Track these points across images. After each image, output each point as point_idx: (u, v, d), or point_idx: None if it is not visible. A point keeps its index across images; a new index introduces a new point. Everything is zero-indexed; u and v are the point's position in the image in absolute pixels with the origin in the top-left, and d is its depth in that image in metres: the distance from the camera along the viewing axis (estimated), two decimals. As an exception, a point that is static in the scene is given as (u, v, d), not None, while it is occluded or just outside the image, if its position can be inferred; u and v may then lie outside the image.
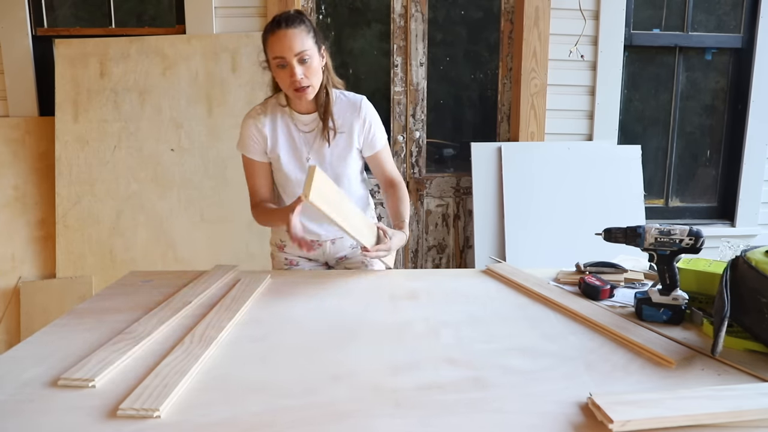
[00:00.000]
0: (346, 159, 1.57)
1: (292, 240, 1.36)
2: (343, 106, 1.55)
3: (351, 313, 1.28)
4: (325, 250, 1.68)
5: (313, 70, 1.43)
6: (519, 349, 1.07)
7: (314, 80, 1.44)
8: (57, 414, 0.83)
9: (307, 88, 1.43)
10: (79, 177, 2.70)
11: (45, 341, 1.11)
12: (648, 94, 3.11)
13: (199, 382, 0.93)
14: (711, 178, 3.22)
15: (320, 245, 1.66)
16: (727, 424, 0.79)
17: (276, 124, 1.55)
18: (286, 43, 1.38)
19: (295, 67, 1.40)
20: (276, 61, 1.41)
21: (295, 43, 1.38)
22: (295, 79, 1.40)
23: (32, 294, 2.68)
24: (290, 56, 1.39)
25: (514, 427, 0.80)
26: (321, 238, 1.65)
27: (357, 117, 1.55)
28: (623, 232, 1.26)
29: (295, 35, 1.39)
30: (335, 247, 1.68)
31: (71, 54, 2.70)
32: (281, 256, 1.73)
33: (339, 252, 1.70)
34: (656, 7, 3.02)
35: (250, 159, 1.57)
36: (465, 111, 3.12)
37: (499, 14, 2.98)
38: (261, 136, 1.54)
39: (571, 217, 2.79)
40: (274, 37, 1.40)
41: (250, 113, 1.57)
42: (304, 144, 1.55)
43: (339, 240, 1.67)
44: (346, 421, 0.82)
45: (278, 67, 1.42)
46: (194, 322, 1.19)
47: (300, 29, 1.40)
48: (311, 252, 1.46)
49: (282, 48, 1.39)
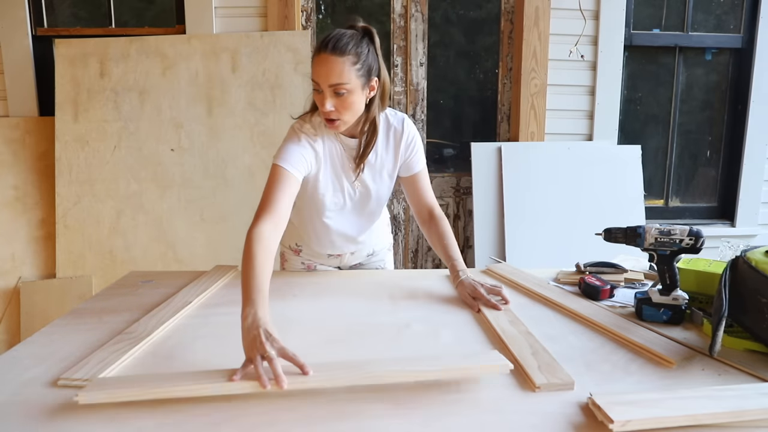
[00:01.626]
0: (385, 184, 1.48)
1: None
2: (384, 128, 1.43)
3: (351, 313, 1.28)
4: (343, 260, 1.68)
5: (348, 105, 1.28)
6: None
7: (346, 116, 1.29)
8: (57, 414, 0.83)
9: (336, 121, 1.30)
10: (79, 177, 2.70)
11: (45, 341, 1.11)
12: (648, 94, 3.11)
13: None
14: (711, 178, 3.22)
15: (339, 256, 1.65)
16: (727, 424, 0.79)
17: (325, 144, 1.39)
18: (323, 69, 1.25)
19: (327, 98, 1.26)
20: (313, 84, 1.29)
21: (333, 74, 1.24)
22: (324, 109, 1.28)
23: (32, 294, 2.68)
24: (324, 84, 1.26)
25: (514, 427, 0.80)
26: (343, 252, 1.63)
27: (401, 139, 1.44)
28: (623, 232, 1.26)
29: (336, 64, 1.23)
30: (353, 257, 1.68)
31: (71, 54, 2.70)
32: (297, 260, 1.69)
33: (355, 260, 1.71)
34: (656, 7, 3.02)
35: (289, 174, 1.31)
36: (465, 111, 3.12)
37: (499, 14, 2.98)
38: (314, 156, 1.37)
39: (571, 217, 2.79)
40: (316, 59, 1.27)
41: (303, 129, 1.38)
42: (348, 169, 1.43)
43: (357, 252, 1.67)
44: (346, 421, 0.82)
45: (315, 90, 1.30)
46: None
47: (344, 59, 1.24)
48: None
49: (318, 73, 1.26)
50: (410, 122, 1.47)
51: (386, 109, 1.45)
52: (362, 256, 1.70)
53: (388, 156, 1.45)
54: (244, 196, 2.73)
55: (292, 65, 2.71)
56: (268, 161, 2.69)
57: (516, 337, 1.10)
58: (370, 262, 1.73)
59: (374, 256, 1.72)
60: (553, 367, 0.96)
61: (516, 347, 1.05)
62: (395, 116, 1.46)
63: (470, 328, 1.19)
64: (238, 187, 2.73)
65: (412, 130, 1.46)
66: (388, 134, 1.44)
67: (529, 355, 1.02)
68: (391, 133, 1.44)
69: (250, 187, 2.73)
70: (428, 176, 1.54)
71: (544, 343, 1.06)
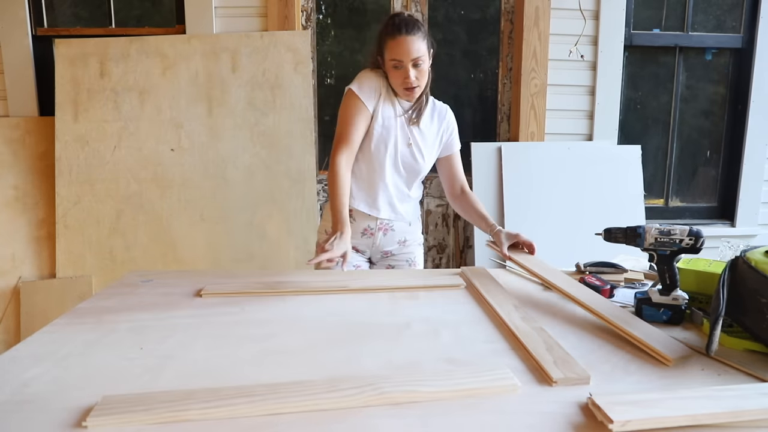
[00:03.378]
0: (430, 155, 1.71)
1: (319, 248, 1.45)
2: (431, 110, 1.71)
3: (350, 313, 1.28)
4: (375, 241, 1.74)
5: (424, 73, 1.58)
6: (518, 349, 1.07)
7: (423, 82, 1.59)
8: (57, 414, 0.83)
9: (416, 88, 1.58)
10: (79, 177, 2.70)
11: (45, 341, 1.10)
12: (648, 94, 3.11)
13: (198, 382, 0.93)
14: (711, 178, 3.22)
15: (372, 235, 1.72)
16: (727, 424, 0.79)
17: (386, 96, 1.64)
18: (405, 48, 1.52)
19: (410, 70, 1.54)
20: (392, 63, 1.55)
21: (413, 49, 1.52)
22: (408, 81, 1.55)
23: (32, 294, 2.68)
24: (407, 61, 1.53)
25: (514, 427, 0.80)
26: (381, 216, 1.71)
27: (443, 120, 1.73)
28: (623, 232, 1.26)
29: (414, 42, 1.52)
30: (386, 239, 1.74)
31: (71, 54, 2.70)
32: None
33: (387, 245, 1.76)
34: (656, 7, 3.02)
35: (361, 103, 1.59)
36: (465, 111, 3.12)
37: (499, 14, 2.98)
38: (378, 93, 1.62)
39: (571, 217, 2.79)
40: (394, 42, 1.53)
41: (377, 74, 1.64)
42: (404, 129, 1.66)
43: (390, 232, 1.74)
44: (346, 421, 0.81)
45: (394, 68, 1.55)
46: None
47: (418, 36, 1.53)
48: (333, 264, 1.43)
49: (401, 52, 1.52)
50: (451, 111, 1.78)
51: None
52: (393, 242, 1.75)
53: (432, 127, 1.71)
54: (244, 196, 2.74)
55: (292, 65, 2.71)
56: (268, 161, 2.72)
57: (530, 334, 1.10)
58: (401, 252, 1.79)
59: (405, 246, 1.78)
60: (568, 362, 0.97)
61: (531, 343, 1.06)
62: (440, 103, 1.76)
63: (470, 328, 1.19)
64: (238, 187, 2.73)
65: (452, 116, 1.77)
66: (433, 112, 1.72)
67: (543, 350, 1.02)
68: (436, 111, 1.73)
69: (250, 187, 2.73)
70: (460, 157, 1.81)
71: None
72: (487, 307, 1.30)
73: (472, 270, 1.58)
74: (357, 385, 0.88)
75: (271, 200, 2.74)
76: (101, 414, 0.80)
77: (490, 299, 1.32)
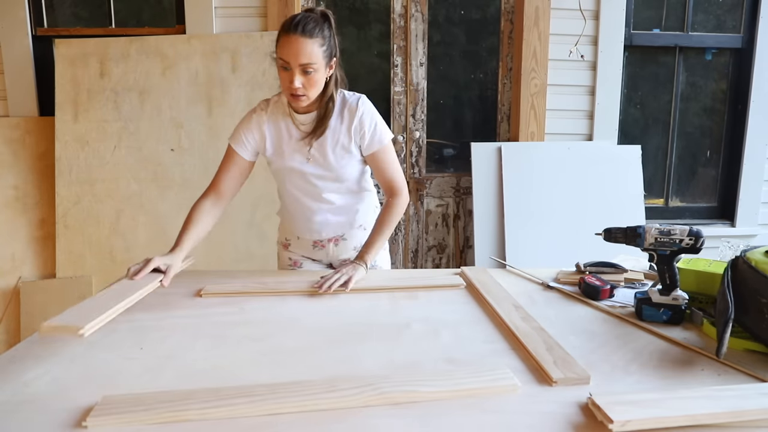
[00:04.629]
0: (346, 159, 1.56)
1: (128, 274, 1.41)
2: (340, 106, 1.54)
3: (350, 313, 1.28)
4: (328, 251, 1.69)
5: (314, 82, 1.41)
6: (518, 349, 1.07)
7: (311, 92, 1.43)
8: (57, 414, 0.83)
9: (302, 96, 1.42)
10: (79, 177, 2.70)
11: (45, 341, 1.10)
12: (648, 94, 3.11)
13: (198, 382, 0.93)
14: (711, 178, 3.22)
15: (323, 246, 1.67)
16: (727, 424, 0.79)
17: (278, 124, 1.55)
18: (293, 49, 1.36)
19: (296, 75, 1.38)
20: (280, 62, 1.40)
21: (302, 53, 1.36)
22: (292, 86, 1.39)
23: (32, 294, 2.68)
24: (294, 64, 1.37)
25: (514, 427, 0.80)
26: (322, 238, 1.66)
27: (354, 116, 1.52)
28: (623, 232, 1.26)
29: (305, 45, 1.36)
30: (338, 248, 1.69)
31: (71, 54, 2.70)
32: (285, 255, 1.75)
33: (342, 254, 1.70)
34: (656, 7, 3.02)
35: (235, 152, 1.56)
36: (465, 111, 3.12)
37: (499, 14, 2.98)
38: (260, 134, 1.55)
39: (571, 217, 2.79)
40: (284, 39, 1.37)
41: (254, 110, 1.57)
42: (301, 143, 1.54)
43: (342, 241, 1.68)
44: (346, 421, 0.81)
45: (281, 68, 1.41)
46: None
47: (313, 40, 1.37)
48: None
49: (288, 53, 1.37)
50: (365, 101, 1.55)
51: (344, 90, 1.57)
52: (348, 250, 1.69)
53: (341, 129, 1.53)
54: (244, 197, 2.73)
55: (292, 65, 2.71)
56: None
57: (530, 334, 1.10)
58: None
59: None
60: (568, 362, 0.97)
61: (531, 343, 1.05)
62: (352, 96, 1.55)
63: (470, 328, 1.19)
64: (238, 187, 2.73)
65: (365, 107, 1.53)
66: (342, 110, 1.53)
67: (543, 350, 1.02)
68: (345, 109, 1.53)
69: (250, 188, 2.72)
70: (391, 153, 1.59)
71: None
72: (487, 307, 1.30)
73: (472, 270, 1.58)
74: (357, 385, 0.88)
75: (271, 200, 2.73)
76: (101, 414, 0.80)
77: (490, 299, 1.32)
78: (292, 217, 1.68)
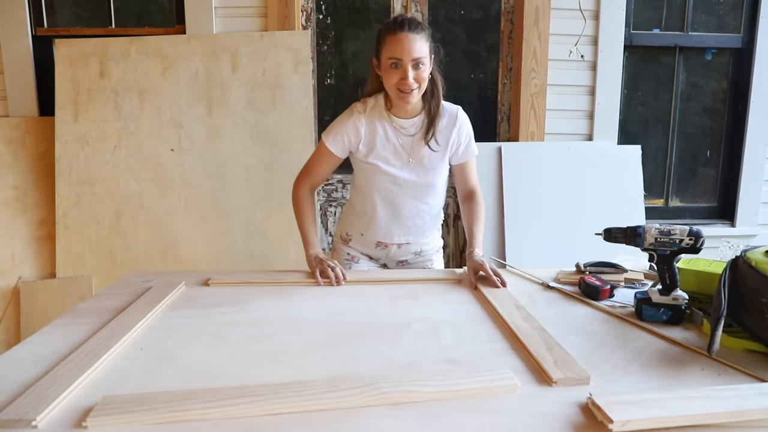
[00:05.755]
0: (440, 166, 1.61)
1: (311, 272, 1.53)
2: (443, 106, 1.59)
3: (351, 313, 1.28)
4: (389, 252, 1.73)
5: (424, 76, 1.47)
6: (519, 349, 1.07)
7: (422, 86, 1.49)
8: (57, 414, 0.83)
9: (412, 92, 1.46)
10: (79, 177, 2.70)
11: (45, 341, 1.10)
12: (648, 94, 3.11)
13: (198, 382, 0.93)
14: (711, 178, 3.22)
15: (387, 247, 1.71)
16: (727, 424, 0.79)
17: (375, 126, 1.57)
18: (406, 46, 1.42)
19: (409, 70, 1.43)
20: (390, 61, 1.44)
21: (414, 48, 1.42)
22: (406, 81, 1.44)
23: (32, 294, 2.68)
24: (407, 59, 1.42)
25: (513, 427, 0.80)
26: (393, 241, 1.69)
27: (453, 126, 1.59)
28: (623, 232, 1.26)
29: (416, 40, 1.42)
30: (400, 251, 1.73)
31: (71, 54, 2.70)
32: (344, 250, 1.77)
33: (402, 256, 1.75)
34: (656, 7, 3.02)
35: (329, 150, 1.58)
36: (465, 111, 3.12)
37: (499, 14, 2.98)
38: (356, 135, 1.57)
39: (571, 217, 2.79)
40: (393, 38, 1.43)
41: (350, 111, 1.58)
42: (403, 148, 1.58)
43: (405, 245, 1.71)
44: (346, 421, 0.81)
45: (391, 66, 1.45)
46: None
47: (421, 35, 1.44)
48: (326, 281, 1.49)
49: (401, 50, 1.42)
50: (463, 113, 1.63)
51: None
52: (409, 253, 1.74)
53: (441, 139, 1.58)
54: (244, 196, 2.74)
55: (292, 65, 2.71)
56: (268, 161, 2.72)
57: (530, 334, 1.11)
58: (417, 260, 1.77)
59: (421, 255, 1.76)
60: (568, 362, 0.97)
61: (531, 344, 1.06)
62: (450, 106, 1.62)
63: (471, 328, 1.19)
64: (237, 187, 2.73)
65: (467, 121, 1.63)
66: (444, 114, 1.59)
67: (544, 350, 1.02)
68: (445, 118, 1.59)
69: (250, 187, 2.73)
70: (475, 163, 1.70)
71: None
72: (489, 307, 1.30)
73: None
74: (357, 385, 0.88)
75: (271, 200, 2.74)
76: (101, 414, 0.80)
77: (492, 299, 1.32)
78: (368, 215, 1.68)
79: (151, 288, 1.43)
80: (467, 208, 1.68)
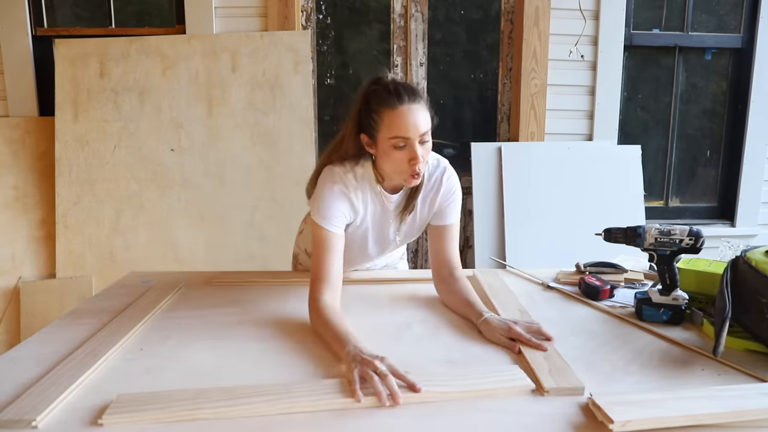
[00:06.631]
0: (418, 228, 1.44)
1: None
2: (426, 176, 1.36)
3: (351, 314, 1.28)
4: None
5: (429, 151, 1.24)
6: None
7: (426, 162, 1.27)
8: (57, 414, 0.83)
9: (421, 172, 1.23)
10: (79, 177, 2.70)
11: (45, 341, 1.11)
12: (648, 94, 3.11)
13: (198, 382, 0.93)
14: (711, 178, 3.22)
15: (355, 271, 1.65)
16: (727, 424, 0.79)
17: (366, 197, 1.33)
18: (411, 120, 1.18)
19: (418, 148, 1.19)
20: (394, 141, 1.18)
21: (420, 123, 1.19)
22: (417, 162, 1.19)
23: (32, 294, 2.68)
24: (415, 136, 1.18)
25: (513, 427, 0.80)
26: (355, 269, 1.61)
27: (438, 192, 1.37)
28: (623, 232, 1.26)
29: (419, 111, 1.19)
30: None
31: (71, 54, 2.70)
32: (307, 263, 1.69)
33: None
34: (656, 7, 3.02)
35: (331, 233, 1.27)
36: (465, 111, 3.12)
37: (499, 14, 2.98)
38: (353, 210, 1.32)
39: (571, 217, 2.79)
40: (395, 114, 1.18)
41: (337, 180, 1.29)
42: (390, 221, 1.39)
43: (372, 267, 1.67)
44: (346, 421, 0.82)
45: (395, 147, 1.19)
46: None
47: (423, 105, 1.21)
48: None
49: (407, 127, 1.17)
50: (451, 173, 1.39)
51: None
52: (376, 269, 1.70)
53: (425, 206, 1.39)
54: (244, 196, 2.73)
55: (292, 65, 2.71)
56: (268, 161, 2.71)
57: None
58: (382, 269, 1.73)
59: (387, 267, 1.73)
60: (564, 371, 0.95)
61: (528, 350, 1.04)
62: (438, 167, 1.38)
63: (471, 329, 1.19)
64: (237, 187, 2.73)
65: (452, 184, 1.38)
66: (427, 185, 1.36)
67: (540, 358, 1.01)
68: (431, 183, 1.37)
69: (250, 187, 2.73)
70: (458, 232, 1.43)
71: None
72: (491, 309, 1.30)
73: (483, 272, 1.57)
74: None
75: (271, 200, 2.74)
76: (117, 412, 0.81)
77: (495, 302, 1.31)
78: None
79: (151, 288, 1.43)
80: (454, 287, 1.32)
